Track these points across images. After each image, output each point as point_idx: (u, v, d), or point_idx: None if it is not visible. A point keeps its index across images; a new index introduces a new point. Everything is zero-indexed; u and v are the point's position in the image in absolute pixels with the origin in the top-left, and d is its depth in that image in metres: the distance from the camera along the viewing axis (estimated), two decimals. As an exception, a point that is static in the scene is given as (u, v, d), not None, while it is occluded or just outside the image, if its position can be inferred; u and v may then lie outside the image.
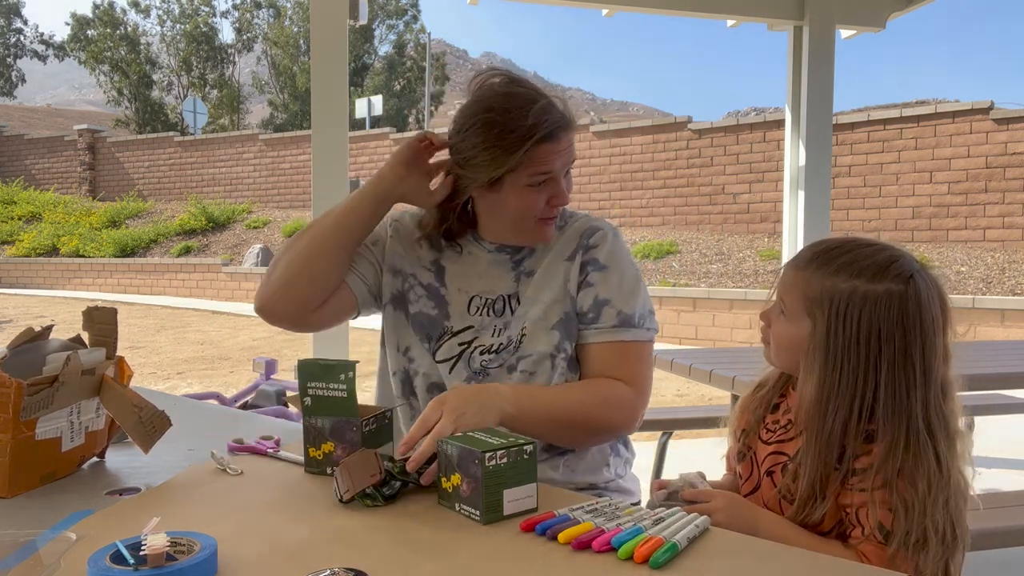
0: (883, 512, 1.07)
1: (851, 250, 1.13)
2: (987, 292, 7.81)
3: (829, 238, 1.20)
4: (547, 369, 1.36)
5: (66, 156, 19.24)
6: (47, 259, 15.28)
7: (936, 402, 1.10)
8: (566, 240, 1.44)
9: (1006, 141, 8.70)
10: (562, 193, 1.36)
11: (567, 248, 1.43)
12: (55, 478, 1.19)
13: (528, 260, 1.44)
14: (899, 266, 1.11)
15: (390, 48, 32.62)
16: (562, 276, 1.41)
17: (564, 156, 1.34)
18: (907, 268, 1.11)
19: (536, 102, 1.31)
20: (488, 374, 1.38)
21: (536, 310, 1.39)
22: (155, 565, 0.79)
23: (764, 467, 1.22)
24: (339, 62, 3.12)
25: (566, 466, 1.37)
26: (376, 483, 1.05)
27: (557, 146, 1.32)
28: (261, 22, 32.63)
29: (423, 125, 28.87)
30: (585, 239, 1.43)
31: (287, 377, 4.84)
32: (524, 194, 1.34)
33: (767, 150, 10.38)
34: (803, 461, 1.12)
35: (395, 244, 1.48)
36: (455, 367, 1.39)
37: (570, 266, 1.41)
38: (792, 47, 3.81)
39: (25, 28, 38.79)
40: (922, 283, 1.10)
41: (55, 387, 1.14)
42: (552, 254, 1.43)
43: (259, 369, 4.20)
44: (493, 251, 1.45)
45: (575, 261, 1.41)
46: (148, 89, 30.41)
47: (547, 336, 1.36)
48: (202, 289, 13.37)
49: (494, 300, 1.42)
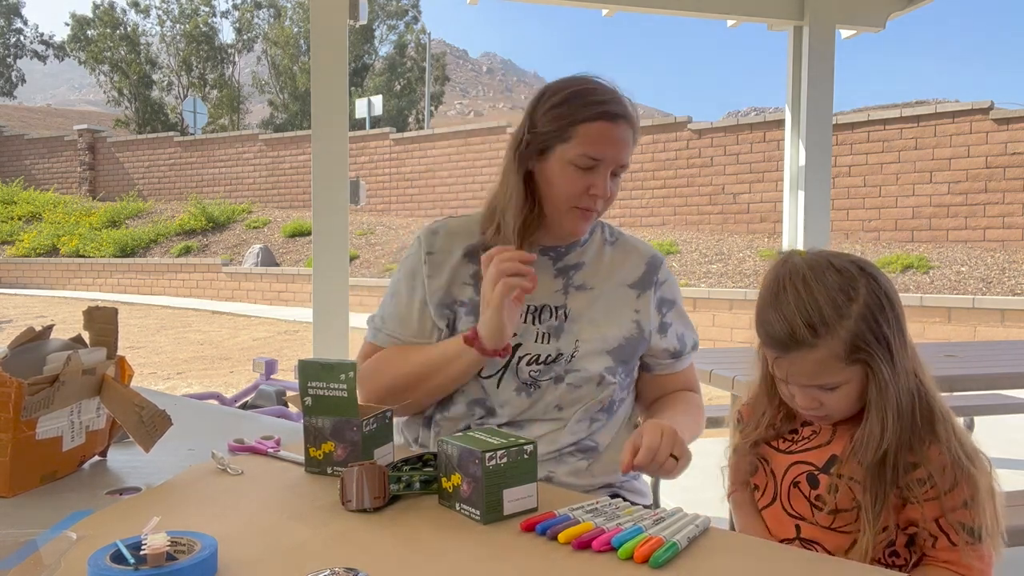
0: (962, 512, 1.09)
1: (815, 288, 1.13)
2: (987, 292, 7.81)
3: (777, 295, 1.16)
4: (592, 387, 1.37)
5: (66, 156, 19.24)
6: (47, 259, 15.28)
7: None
8: (629, 264, 1.46)
9: (1006, 141, 8.70)
10: (603, 185, 1.35)
11: (631, 274, 1.45)
12: (55, 478, 1.19)
13: (575, 271, 1.43)
14: (851, 267, 1.15)
15: (390, 48, 32.63)
16: (630, 306, 1.42)
17: (616, 148, 1.34)
18: (854, 263, 1.16)
19: (615, 92, 1.37)
20: (539, 386, 1.36)
21: (593, 331, 1.38)
22: (155, 565, 0.79)
23: (788, 478, 1.21)
24: (339, 62, 3.12)
25: (587, 471, 1.37)
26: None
27: (615, 129, 1.34)
28: (261, 22, 32.61)
29: (423, 125, 28.87)
30: (653, 272, 1.46)
31: (287, 377, 4.85)
32: (567, 172, 1.35)
33: (767, 150, 10.37)
34: (863, 480, 1.13)
35: (435, 281, 1.43)
36: (503, 379, 1.37)
37: (638, 297, 1.43)
38: (792, 47, 3.81)
39: (25, 28, 38.76)
40: (872, 268, 1.17)
41: (55, 387, 1.14)
42: (615, 276, 1.44)
43: (259, 369, 4.20)
44: (536, 252, 1.40)
45: (648, 296, 1.44)
46: (148, 89, 30.38)
47: (600, 358, 1.37)
48: (202, 289, 13.36)
49: (539, 308, 1.40)
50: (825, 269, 1.14)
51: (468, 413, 1.38)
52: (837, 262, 1.16)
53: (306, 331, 8.45)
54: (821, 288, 1.12)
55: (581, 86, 1.36)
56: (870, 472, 1.12)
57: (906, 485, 1.12)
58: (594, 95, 1.34)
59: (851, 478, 1.14)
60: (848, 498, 1.14)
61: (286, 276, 12.42)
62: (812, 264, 1.16)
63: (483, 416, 1.39)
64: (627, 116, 1.36)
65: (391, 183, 14.66)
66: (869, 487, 1.12)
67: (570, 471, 1.36)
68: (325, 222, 3.15)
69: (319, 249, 3.16)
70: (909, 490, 1.11)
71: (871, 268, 1.17)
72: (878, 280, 1.15)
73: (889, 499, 1.12)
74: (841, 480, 1.15)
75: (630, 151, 1.38)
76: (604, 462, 1.39)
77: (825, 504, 1.15)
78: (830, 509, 1.15)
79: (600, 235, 1.50)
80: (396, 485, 1.07)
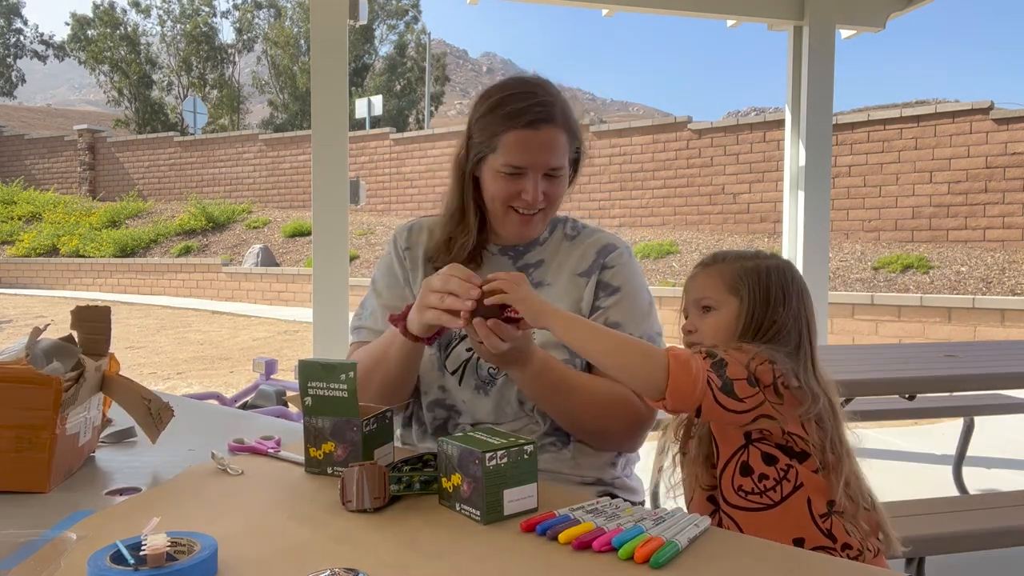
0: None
1: (733, 251, 1.36)
2: (987, 292, 7.81)
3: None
4: None
5: (66, 156, 19.24)
6: (47, 259, 15.28)
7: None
8: (581, 254, 1.46)
9: (1006, 141, 8.70)
10: (533, 190, 1.36)
11: (582, 263, 1.45)
12: (72, 474, 1.21)
13: (534, 269, 1.46)
14: (775, 254, 1.36)
15: (390, 48, 32.62)
16: (576, 293, 1.43)
17: (540, 154, 1.34)
18: (781, 256, 1.36)
19: (539, 95, 1.35)
20: (495, 382, 1.39)
21: None
22: (155, 565, 0.79)
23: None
24: (339, 62, 3.12)
25: (573, 459, 1.39)
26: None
27: (536, 136, 1.33)
28: (261, 22, 32.61)
29: (423, 125, 28.87)
30: (601, 258, 1.45)
31: (287, 377, 4.85)
32: (497, 180, 1.37)
33: (767, 150, 10.37)
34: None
35: (416, 275, 1.48)
36: (464, 377, 1.40)
37: (585, 284, 1.43)
38: (792, 47, 3.81)
39: (25, 28, 38.78)
40: (794, 266, 1.36)
41: (80, 383, 1.16)
42: (566, 268, 1.45)
43: (259, 369, 4.20)
44: (496, 253, 1.47)
45: (591, 280, 1.43)
46: (148, 89, 30.38)
47: (556, 351, 1.36)
48: (202, 289, 13.37)
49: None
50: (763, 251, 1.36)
51: (432, 417, 1.43)
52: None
53: (306, 331, 8.45)
54: (743, 252, 1.35)
55: (505, 93, 1.37)
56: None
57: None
58: (515, 102, 1.34)
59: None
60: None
61: (286, 276, 12.43)
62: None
63: (445, 419, 1.42)
64: (552, 119, 1.35)
65: (391, 183, 14.67)
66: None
67: (553, 458, 1.37)
68: (325, 222, 3.15)
69: (319, 249, 3.16)
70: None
71: (797, 272, 1.33)
72: (796, 275, 1.31)
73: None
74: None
75: (562, 152, 1.37)
76: (588, 454, 1.40)
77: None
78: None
79: (561, 232, 1.51)
80: (396, 485, 1.07)
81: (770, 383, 1.16)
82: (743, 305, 1.26)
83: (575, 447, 1.39)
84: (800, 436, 1.20)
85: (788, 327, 1.24)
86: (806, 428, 1.20)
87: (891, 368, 2.61)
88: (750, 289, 1.26)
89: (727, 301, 1.28)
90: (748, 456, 1.21)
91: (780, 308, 1.25)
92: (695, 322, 1.31)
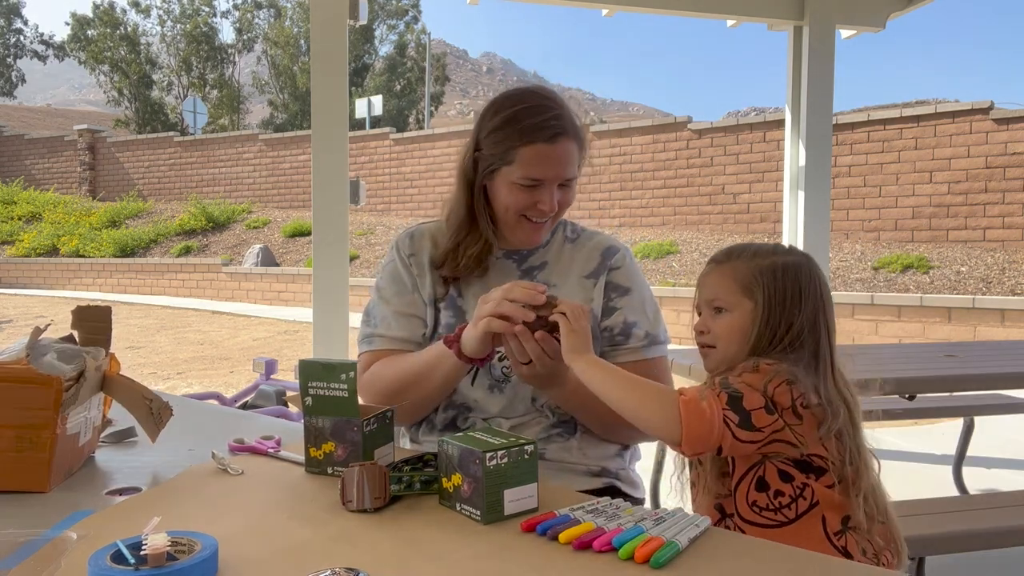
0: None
1: (750, 246, 1.30)
2: (987, 292, 7.81)
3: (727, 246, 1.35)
4: None
5: (66, 156, 19.24)
6: (47, 259, 15.28)
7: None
8: (585, 257, 1.49)
9: (1006, 141, 8.70)
10: (549, 200, 1.39)
11: (588, 266, 1.49)
12: (72, 473, 1.21)
13: (539, 271, 1.49)
14: (793, 248, 1.32)
15: (390, 48, 32.61)
16: (585, 294, 1.46)
17: (558, 166, 1.37)
18: (799, 250, 1.32)
19: (553, 108, 1.37)
20: (509, 380, 1.42)
21: None
22: (156, 565, 0.79)
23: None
24: (339, 62, 3.12)
25: (579, 449, 1.41)
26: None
27: (554, 150, 1.36)
28: (261, 22, 32.60)
29: (423, 125, 28.86)
30: (607, 260, 1.49)
31: (287, 377, 4.85)
32: (513, 191, 1.39)
33: (767, 150, 10.37)
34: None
35: (423, 280, 1.49)
36: (476, 377, 1.42)
37: (593, 285, 1.47)
38: (792, 47, 3.81)
39: (25, 28, 38.77)
40: (813, 260, 1.31)
41: (81, 383, 1.16)
42: (573, 270, 1.48)
43: (259, 369, 4.20)
44: (501, 257, 1.49)
45: (598, 281, 1.47)
46: (148, 89, 30.37)
47: None
48: (202, 289, 13.36)
49: None
50: (783, 246, 1.32)
51: (443, 417, 1.45)
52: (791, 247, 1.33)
53: (306, 331, 8.45)
54: (767, 245, 1.30)
55: (520, 106, 1.38)
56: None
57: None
58: (532, 116, 1.36)
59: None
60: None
61: (286, 276, 12.42)
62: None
63: (455, 417, 1.44)
64: (567, 131, 1.37)
65: (391, 183, 14.66)
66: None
67: (560, 448, 1.41)
68: (325, 222, 3.14)
69: (319, 249, 3.16)
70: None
71: (817, 267, 1.27)
72: (814, 271, 1.25)
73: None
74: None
75: (575, 163, 1.41)
76: (595, 444, 1.43)
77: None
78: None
79: (561, 234, 1.55)
80: (396, 485, 1.07)
81: (788, 405, 1.13)
82: (757, 309, 1.22)
83: (581, 437, 1.42)
84: (819, 455, 1.17)
85: (805, 330, 1.20)
86: (826, 446, 1.17)
87: (891, 368, 2.61)
88: (765, 290, 1.22)
89: (741, 303, 1.24)
90: (764, 471, 1.18)
91: (796, 311, 1.21)
92: (707, 323, 1.28)
